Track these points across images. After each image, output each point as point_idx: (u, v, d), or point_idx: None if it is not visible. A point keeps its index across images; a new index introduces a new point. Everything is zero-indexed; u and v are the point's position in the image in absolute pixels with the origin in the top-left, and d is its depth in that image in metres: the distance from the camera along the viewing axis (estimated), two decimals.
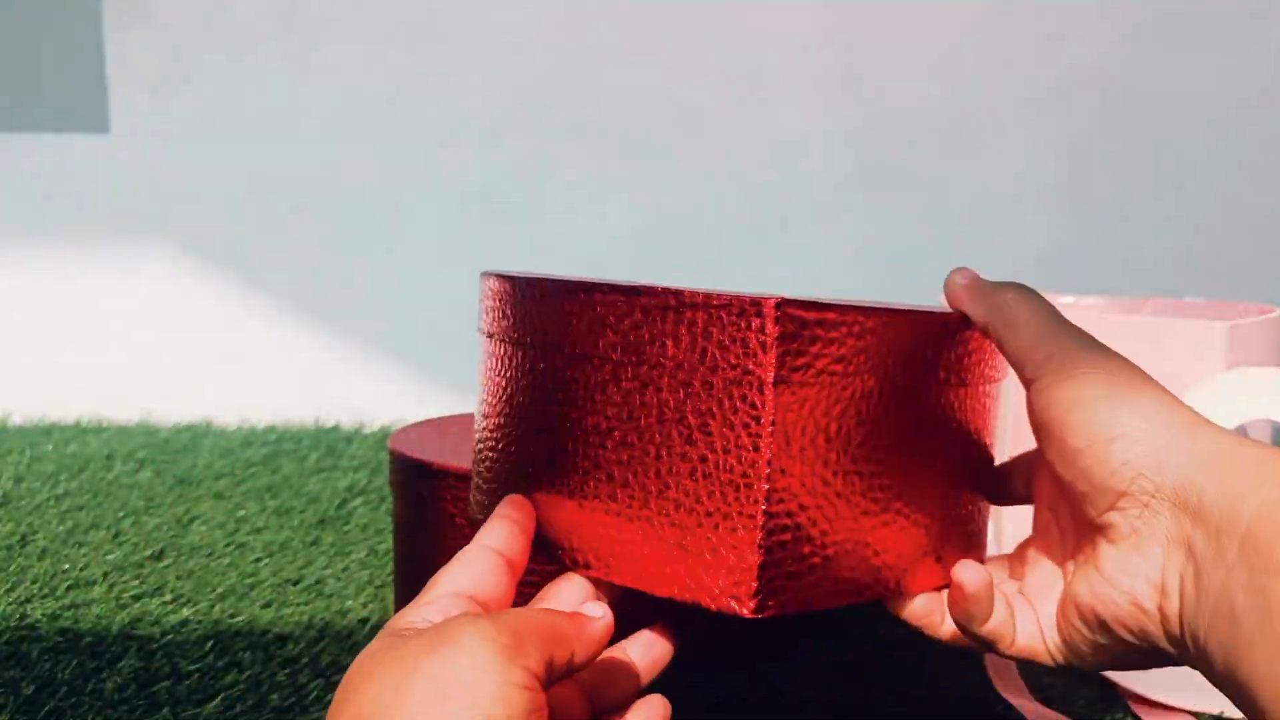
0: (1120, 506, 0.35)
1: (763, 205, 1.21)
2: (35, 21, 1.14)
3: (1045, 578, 0.40)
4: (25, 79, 1.15)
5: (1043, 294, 0.80)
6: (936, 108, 1.19)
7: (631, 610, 0.41)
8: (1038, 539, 0.41)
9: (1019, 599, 0.40)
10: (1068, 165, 1.21)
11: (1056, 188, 1.22)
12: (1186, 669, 0.40)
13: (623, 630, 0.40)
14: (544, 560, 0.41)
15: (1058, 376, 0.36)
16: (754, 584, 0.35)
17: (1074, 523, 0.39)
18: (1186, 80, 1.20)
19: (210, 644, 0.64)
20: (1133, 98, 1.20)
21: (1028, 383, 0.38)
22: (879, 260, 1.22)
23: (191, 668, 0.61)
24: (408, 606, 0.37)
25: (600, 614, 0.37)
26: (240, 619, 0.68)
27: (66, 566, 0.74)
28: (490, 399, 0.44)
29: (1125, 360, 0.37)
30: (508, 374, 0.43)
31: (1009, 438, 0.66)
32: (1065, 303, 0.77)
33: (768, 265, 1.21)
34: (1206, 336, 0.61)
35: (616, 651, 0.42)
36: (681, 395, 0.36)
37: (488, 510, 0.43)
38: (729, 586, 0.36)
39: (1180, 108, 1.20)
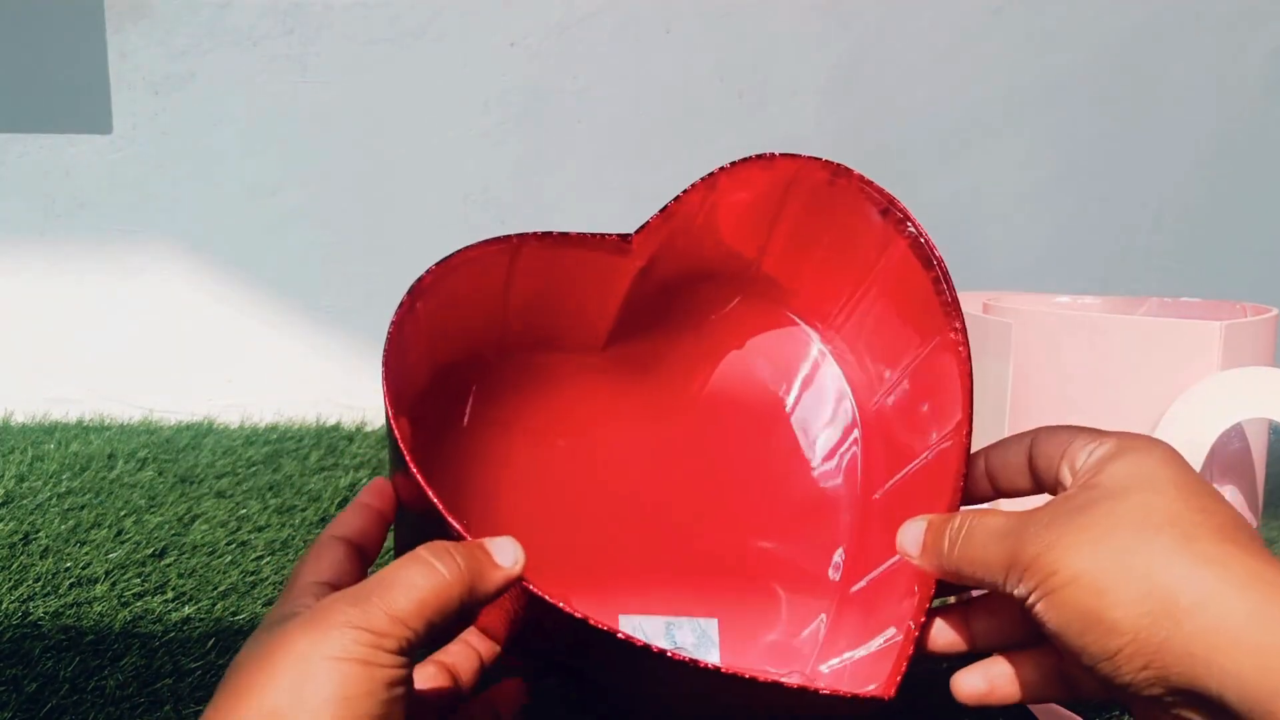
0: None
1: None
2: (37, 22, 1.14)
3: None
4: (27, 80, 1.16)
5: (1040, 294, 0.81)
6: (936, 108, 1.20)
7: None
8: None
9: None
10: (1064, 165, 1.21)
11: (1053, 188, 1.22)
12: None
13: None
14: None
15: (1067, 568, 0.34)
16: None
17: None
18: (1183, 81, 1.20)
19: (212, 642, 0.64)
20: (1129, 98, 1.20)
21: (1029, 597, 0.35)
22: None
23: (193, 665, 0.61)
24: (279, 600, 0.38)
25: (511, 561, 0.37)
26: (242, 617, 0.68)
27: (69, 565, 0.75)
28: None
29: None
30: None
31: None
32: (1062, 302, 0.77)
33: None
34: (1202, 336, 0.61)
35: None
36: None
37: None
38: None
39: (1176, 108, 1.20)
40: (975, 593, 0.44)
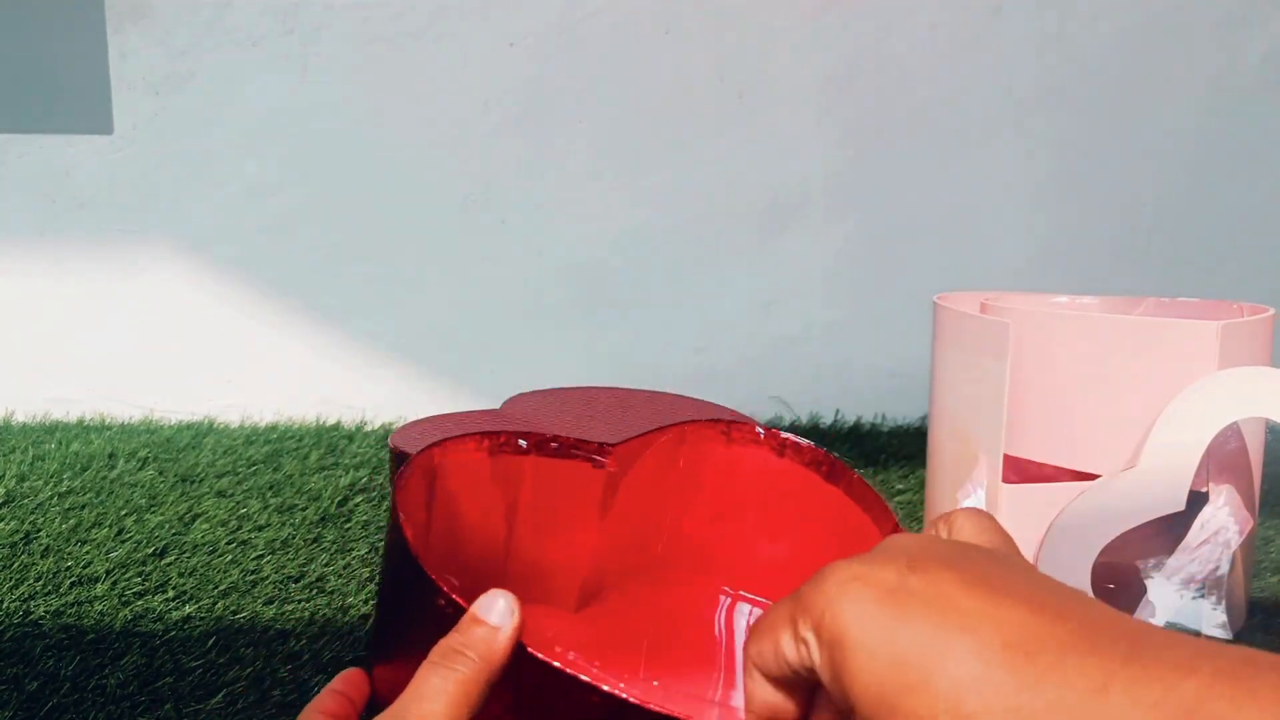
0: None
1: (762, 205, 1.21)
2: (38, 23, 1.15)
3: None
4: (29, 80, 1.16)
5: (1038, 294, 0.81)
6: (935, 108, 1.20)
7: None
8: None
9: None
10: (1063, 166, 1.22)
11: (1051, 188, 1.22)
12: None
13: None
14: None
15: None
16: None
17: None
18: (1181, 81, 1.20)
19: (213, 640, 0.64)
20: (1127, 99, 1.20)
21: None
22: (876, 261, 1.22)
23: (194, 664, 0.62)
24: None
25: (508, 613, 0.36)
26: (242, 616, 0.68)
27: (70, 564, 0.75)
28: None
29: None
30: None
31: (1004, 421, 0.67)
32: (1060, 302, 0.78)
33: (767, 265, 1.21)
34: (1200, 336, 0.61)
35: None
36: None
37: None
38: None
39: (1175, 108, 1.21)
40: None
